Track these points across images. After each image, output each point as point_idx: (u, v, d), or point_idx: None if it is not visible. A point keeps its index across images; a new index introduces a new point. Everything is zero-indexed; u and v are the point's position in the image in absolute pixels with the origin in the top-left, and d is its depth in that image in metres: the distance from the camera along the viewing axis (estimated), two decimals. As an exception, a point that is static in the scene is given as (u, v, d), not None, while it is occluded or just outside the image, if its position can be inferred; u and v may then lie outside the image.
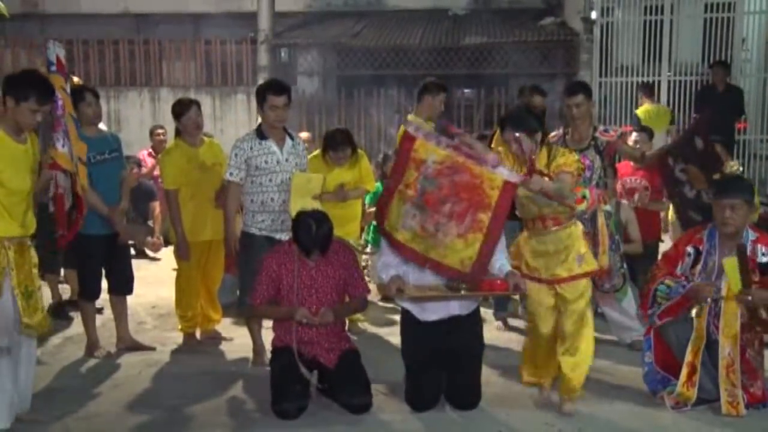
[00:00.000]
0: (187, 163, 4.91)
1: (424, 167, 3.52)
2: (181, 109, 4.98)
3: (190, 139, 4.97)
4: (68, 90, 4.38)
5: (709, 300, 3.82)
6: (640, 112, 9.17)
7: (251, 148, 4.51)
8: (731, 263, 3.77)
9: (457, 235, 3.48)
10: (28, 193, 3.69)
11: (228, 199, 4.61)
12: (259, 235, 4.54)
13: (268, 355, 4.37)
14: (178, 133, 5.08)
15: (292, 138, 4.65)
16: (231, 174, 4.54)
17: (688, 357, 3.82)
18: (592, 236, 4.67)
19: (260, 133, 4.56)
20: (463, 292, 3.70)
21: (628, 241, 5.34)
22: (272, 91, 4.50)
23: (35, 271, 3.73)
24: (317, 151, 5.36)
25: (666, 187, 5.33)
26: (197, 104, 5.03)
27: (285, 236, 4.49)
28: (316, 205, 4.41)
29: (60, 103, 4.15)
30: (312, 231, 3.81)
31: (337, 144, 5.15)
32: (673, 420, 3.75)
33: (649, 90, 9.49)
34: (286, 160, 4.55)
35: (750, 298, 3.72)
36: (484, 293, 4.06)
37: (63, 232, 4.22)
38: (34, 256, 3.74)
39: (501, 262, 3.83)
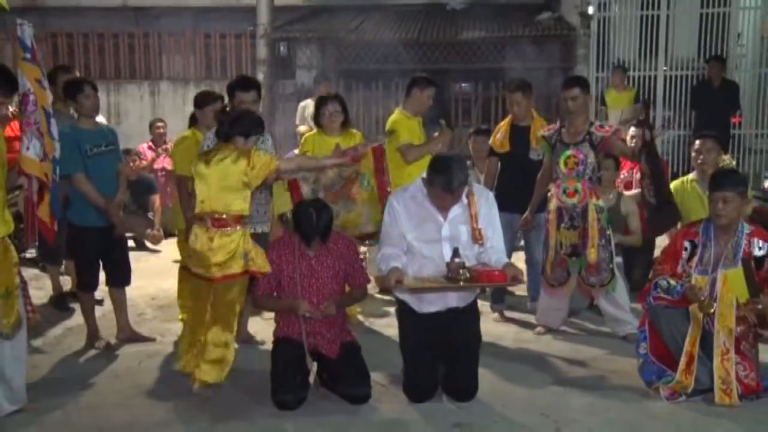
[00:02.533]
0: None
1: None
2: (205, 100, 5.00)
3: (207, 131, 4.94)
4: (44, 82, 4.10)
5: (704, 297, 3.83)
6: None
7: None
8: (736, 275, 3.78)
9: None
10: (1, 189, 3.57)
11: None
12: None
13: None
14: (192, 123, 5.09)
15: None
16: None
17: (687, 346, 3.83)
18: (582, 230, 4.68)
19: None
20: (461, 284, 3.69)
21: (628, 232, 5.35)
22: (240, 87, 4.58)
23: (15, 270, 3.67)
24: (312, 131, 5.34)
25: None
26: (222, 99, 5.06)
27: (250, 229, 4.44)
28: (289, 198, 4.74)
29: (32, 98, 3.89)
30: (313, 219, 3.83)
31: (326, 101, 5.13)
32: (668, 410, 3.75)
33: (622, 71, 9.63)
34: None
35: (760, 306, 3.74)
36: (483, 284, 4.06)
37: (28, 237, 4.05)
38: (15, 255, 3.70)
39: (498, 254, 3.85)
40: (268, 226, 4.75)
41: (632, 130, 5.99)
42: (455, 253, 3.70)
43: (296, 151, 6.60)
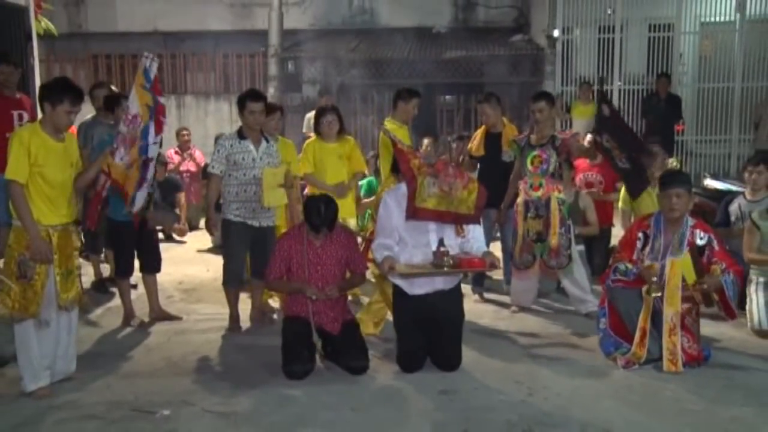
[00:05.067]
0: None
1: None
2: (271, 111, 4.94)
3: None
4: (154, 107, 4.20)
5: (655, 278, 3.82)
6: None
7: (231, 146, 4.52)
8: (684, 260, 3.78)
9: (462, 188, 3.70)
10: (69, 185, 3.62)
11: (209, 189, 4.63)
12: (236, 221, 4.54)
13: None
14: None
15: (267, 140, 4.64)
16: (213, 167, 4.56)
17: (640, 323, 3.82)
18: (545, 220, 4.66)
19: (240, 134, 4.57)
20: (446, 269, 3.67)
21: (587, 224, 5.32)
22: (251, 98, 4.53)
23: (76, 253, 3.68)
24: (312, 138, 5.28)
25: (612, 167, 4.94)
26: (281, 111, 5.14)
27: (256, 223, 4.55)
28: (283, 194, 4.55)
29: (138, 121, 4.01)
30: (321, 211, 3.82)
31: (325, 112, 5.10)
32: (624, 377, 3.75)
33: (588, 87, 9.63)
34: (260, 158, 4.54)
35: (705, 286, 3.74)
36: (464, 270, 4.03)
37: (88, 222, 4.12)
38: (76, 240, 3.69)
39: (478, 244, 3.83)
40: (273, 220, 4.70)
41: (589, 136, 5.99)
42: (441, 243, 3.68)
43: (300, 156, 6.55)
